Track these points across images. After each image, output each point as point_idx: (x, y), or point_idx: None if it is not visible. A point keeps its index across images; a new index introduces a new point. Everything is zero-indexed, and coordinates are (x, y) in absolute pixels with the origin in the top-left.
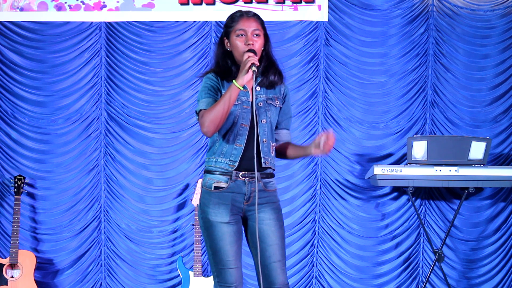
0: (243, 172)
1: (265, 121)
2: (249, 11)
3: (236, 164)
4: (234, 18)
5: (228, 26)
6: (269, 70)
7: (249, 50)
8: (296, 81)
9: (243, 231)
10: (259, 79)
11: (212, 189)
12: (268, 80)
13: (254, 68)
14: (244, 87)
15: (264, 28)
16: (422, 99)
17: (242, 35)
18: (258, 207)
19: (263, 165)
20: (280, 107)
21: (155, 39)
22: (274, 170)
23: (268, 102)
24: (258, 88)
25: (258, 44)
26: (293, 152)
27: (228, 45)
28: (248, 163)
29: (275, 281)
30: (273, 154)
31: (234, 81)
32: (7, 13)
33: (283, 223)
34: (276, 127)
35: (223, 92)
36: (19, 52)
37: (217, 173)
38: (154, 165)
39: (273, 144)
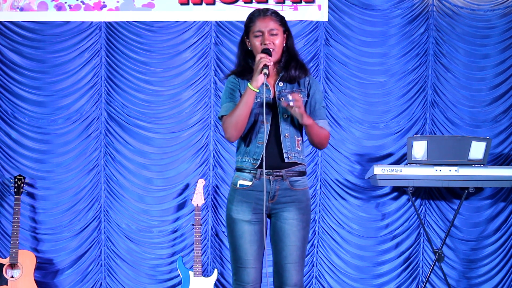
0: (268, 170)
1: (287, 116)
2: (267, 10)
3: (258, 162)
4: (252, 18)
5: (247, 26)
6: (290, 65)
7: (263, 51)
8: None
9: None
10: (281, 75)
11: (237, 186)
12: (289, 75)
13: (265, 70)
14: (266, 84)
15: (283, 25)
16: (422, 99)
17: (259, 35)
18: (283, 206)
19: (286, 160)
20: (306, 100)
21: (155, 39)
22: (304, 165)
23: None
24: (281, 84)
25: (276, 42)
26: (307, 133)
27: (249, 44)
28: (271, 160)
29: (287, 282)
30: (299, 149)
31: (249, 84)
32: (7, 13)
33: (307, 224)
34: None
35: (242, 92)
36: (19, 52)
37: (244, 171)
38: (154, 165)
39: (299, 138)
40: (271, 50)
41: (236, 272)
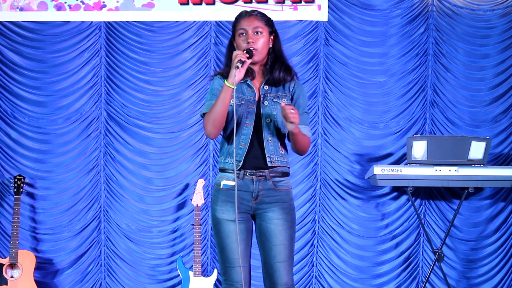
0: (251, 170)
1: (270, 120)
2: (253, 11)
3: (241, 163)
4: (238, 18)
5: (234, 27)
6: (275, 67)
7: (245, 51)
8: None
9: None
10: (266, 78)
11: (221, 186)
12: (273, 77)
13: (238, 64)
14: (251, 86)
15: (270, 26)
16: (422, 99)
17: (243, 34)
18: (267, 206)
19: (269, 164)
20: (289, 104)
21: (155, 39)
22: (288, 167)
23: (274, 100)
24: (266, 87)
25: (260, 42)
26: (291, 140)
27: (235, 45)
28: (254, 161)
29: (278, 281)
30: (283, 152)
31: (225, 81)
32: (7, 13)
33: (292, 224)
34: None
35: None
36: (19, 52)
37: (227, 171)
38: (154, 165)
39: (282, 141)
40: (253, 49)
41: (225, 272)
